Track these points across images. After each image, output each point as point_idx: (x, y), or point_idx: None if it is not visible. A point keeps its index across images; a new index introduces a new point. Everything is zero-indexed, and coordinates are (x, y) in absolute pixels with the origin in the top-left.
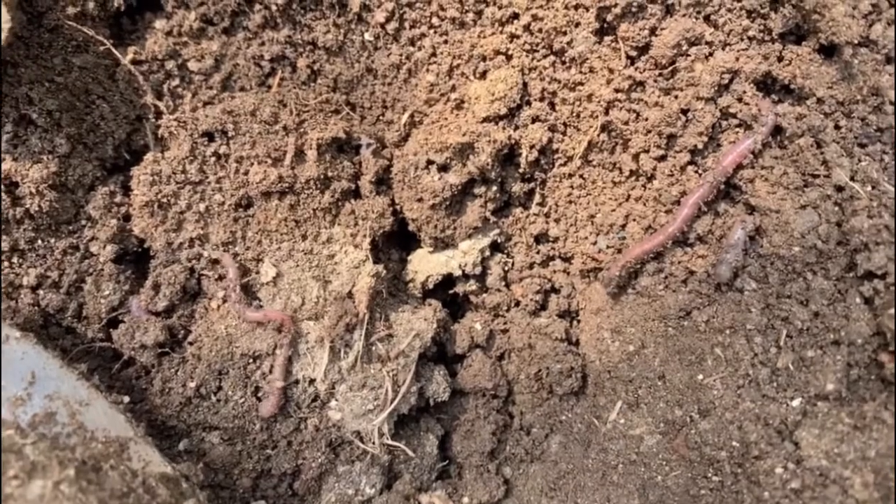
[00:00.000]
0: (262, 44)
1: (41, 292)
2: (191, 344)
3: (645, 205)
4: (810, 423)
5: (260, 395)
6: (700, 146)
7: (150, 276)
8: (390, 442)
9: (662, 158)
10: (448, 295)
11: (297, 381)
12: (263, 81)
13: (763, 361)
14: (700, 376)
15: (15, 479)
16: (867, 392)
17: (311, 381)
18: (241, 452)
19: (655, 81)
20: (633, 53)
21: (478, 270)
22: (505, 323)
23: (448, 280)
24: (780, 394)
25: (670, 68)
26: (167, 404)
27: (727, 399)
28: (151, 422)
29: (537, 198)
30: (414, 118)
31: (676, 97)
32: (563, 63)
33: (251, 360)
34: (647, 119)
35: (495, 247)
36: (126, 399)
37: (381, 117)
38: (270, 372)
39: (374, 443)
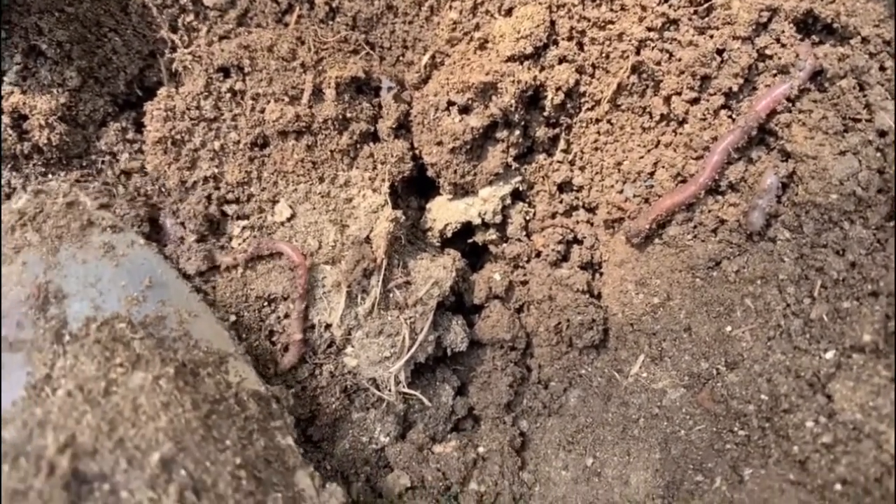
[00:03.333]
0: None
1: None
2: (206, 283)
3: (675, 151)
4: (844, 375)
5: (274, 339)
6: (735, 88)
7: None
8: (406, 390)
9: (695, 101)
10: (467, 245)
11: (313, 326)
12: (280, 18)
13: (796, 312)
14: (728, 328)
15: (120, 367)
16: None
17: (328, 327)
18: None
19: (690, 19)
20: None
21: (498, 219)
22: (525, 274)
23: (467, 230)
24: (812, 346)
25: (706, 5)
26: None
27: (756, 351)
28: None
29: (562, 144)
30: (435, 59)
31: (712, 36)
32: (593, 0)
33: (266, 304)
34: (680, 59)
35: (517, 195)
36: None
37: (401, 58)
38: (286, 318)
39: (389, 390)
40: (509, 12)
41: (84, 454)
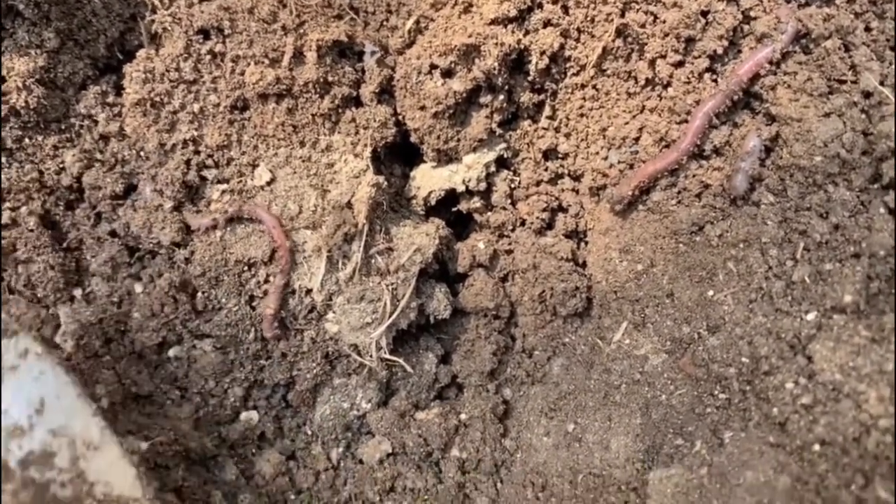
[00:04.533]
0: None
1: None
2: (181, 247)
3: (660, 116)
4: (825, 336)
5: (254, 304)
6: (720, 51)
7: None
8: (388, 357)
9: (680, 65)
10: (452, 214)
11: (293, 292)
12: None
13: (778, 275)
14: (710, 292)
15: None
16: (887, 305)
17: (308, 292)
18: (234, 361)
19: None
20: None
21: (482, 187)
22: (510, 243)
23: (452, 198)
24: (794, 307)
25: None
26: (157, 310)
27: (738, 314)
28: (140, 327)
29: (547, 110)
30: (419, 23)
31: None
32: None
33: (246, 268)
34: (664, 21)
35: (501, 162)
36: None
37: (384, 22)
38: (266, 283)
39: (371, 356)
40: None
41: None
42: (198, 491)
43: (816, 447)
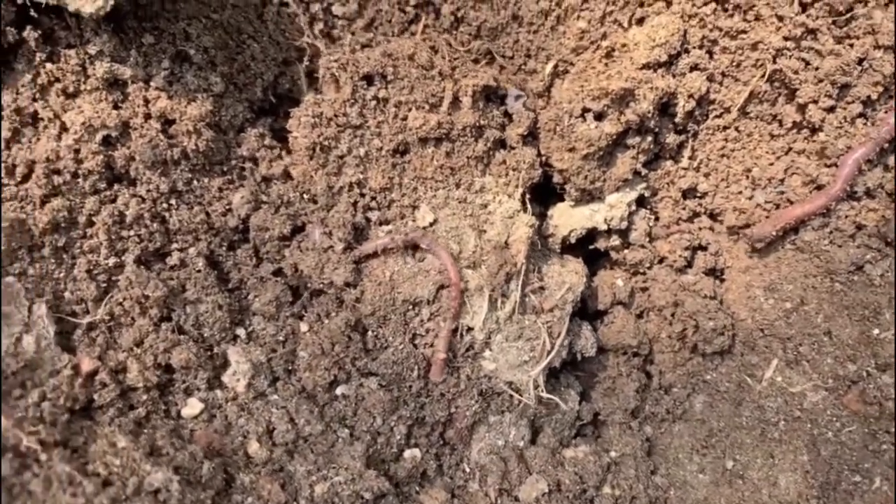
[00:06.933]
0: None
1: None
2: (352, 287)
3: (808, 158)
4: None
5: (416, 342)
6: (874, 97)
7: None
8: (545, 394)
9: (831, 109)
10: (583, 251)
11: (455, 329)
12: (406, 28)
13: None
14: (875, 331)
15: None
16: None
17: (469, 330)
18: (399, 399)
19: (829, 29)
20: (808, 0)
21: (624, 225)
22: (645, 280)
23: (585, 235)
24: None
25: (847, 16)
26: (326, 349)
27: None
28: (309, 366)
29: (688, 151)
30: (558, 67)
31: (852, 45)
32: (725, 10)
33: (411, 307)
34: (818, 68)
35: (640, 201)
36: None
37: (522, 66)
38: (430, 321)
39: (529, 394)
40: (640, 22)
41: None
42: None
43: None
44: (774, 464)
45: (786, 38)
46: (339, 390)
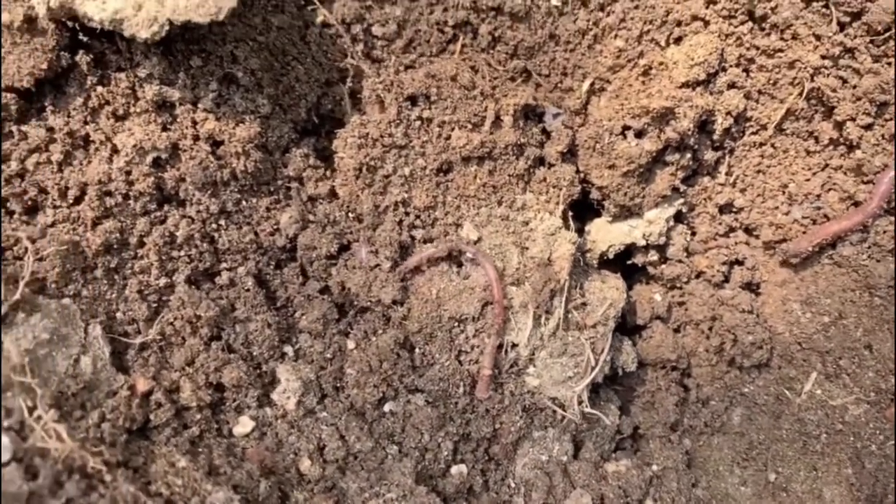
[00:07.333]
0: (446, 9)
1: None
2: (399, 304)
3: (845, 174)
4: None
5: (461, 358)
6: None
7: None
8: (589, 409)
9: (869, 127)
10: (620, 266)
11: (500, 345)
12: (444, 48)
13: None
14: None
15: None
16: None
17: (513, 346)
18: (445, 416)
19: (867, 48)
20: (846, 19)
21: (662, 241)
22: (682, 295)
23: (622, 251)
24: None
25: (885, 35)
26: (374, 366)
27: None
28: (357, 383)
29: (724, 167)
30: (594, 85)
31: (890, 64)
32: (763, 29)
33: (457, 324)
34: (856, 86)
35: (677, 217)
36: None
37: (559, 84)
38: (475, 337)
39: (574, 410)
40: (678, 41)
41: None
42: None
43: None
44: (818, 476)
45: (823, 57)
46: (387, 407)
